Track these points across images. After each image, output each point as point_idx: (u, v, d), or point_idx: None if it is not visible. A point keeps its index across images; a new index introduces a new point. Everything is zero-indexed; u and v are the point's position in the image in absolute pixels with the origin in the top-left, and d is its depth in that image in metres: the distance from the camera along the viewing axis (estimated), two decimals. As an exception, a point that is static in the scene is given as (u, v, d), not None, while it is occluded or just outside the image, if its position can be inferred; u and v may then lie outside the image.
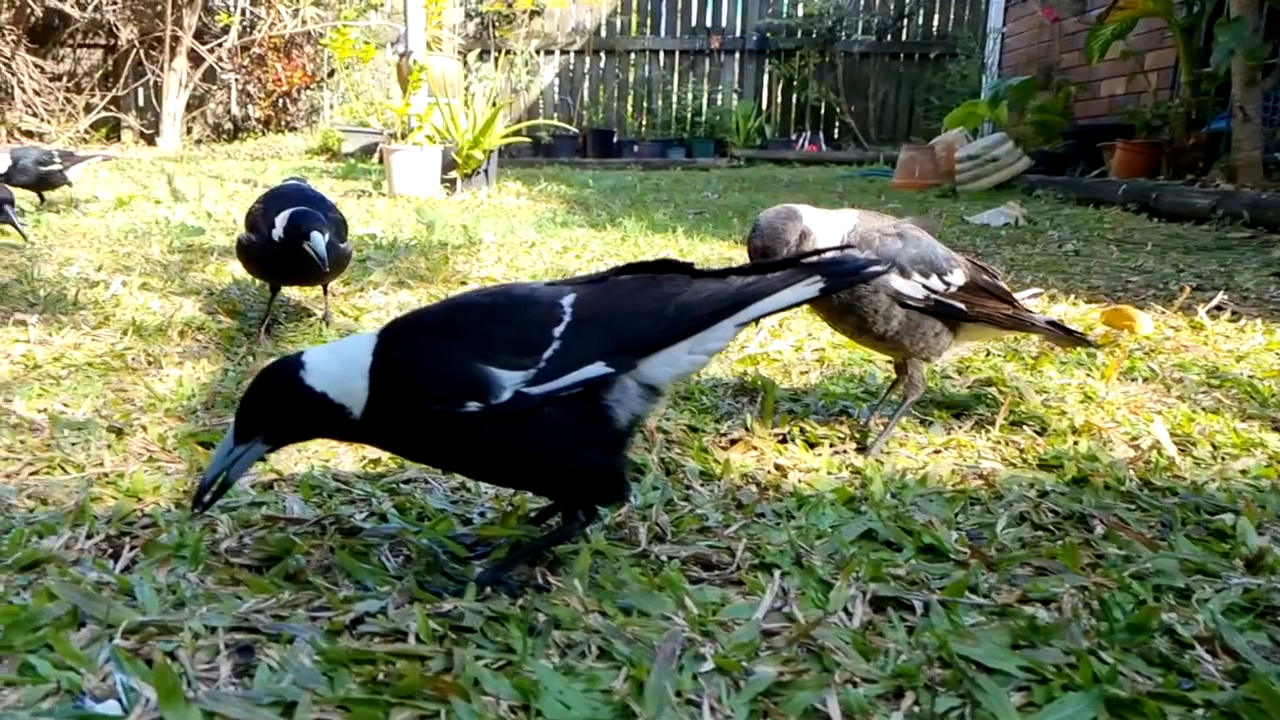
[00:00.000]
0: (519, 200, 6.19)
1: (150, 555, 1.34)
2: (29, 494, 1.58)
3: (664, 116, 11.56)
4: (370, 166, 9.17)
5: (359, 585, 1.28)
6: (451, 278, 3.43)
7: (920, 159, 7.76)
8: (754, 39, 11.34)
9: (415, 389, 1.16)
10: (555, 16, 11.65)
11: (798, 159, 10.39)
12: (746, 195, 7.09)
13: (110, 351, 2.42)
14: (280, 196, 2.67)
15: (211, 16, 10.96)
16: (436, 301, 1.29)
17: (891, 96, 11.27)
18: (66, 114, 11.22)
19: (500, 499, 1.56)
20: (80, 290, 3.02)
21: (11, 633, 1.11)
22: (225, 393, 2.12)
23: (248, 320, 2.84)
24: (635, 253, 4.01)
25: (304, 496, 1.57)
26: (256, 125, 11.49)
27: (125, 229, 4.59)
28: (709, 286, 1.23)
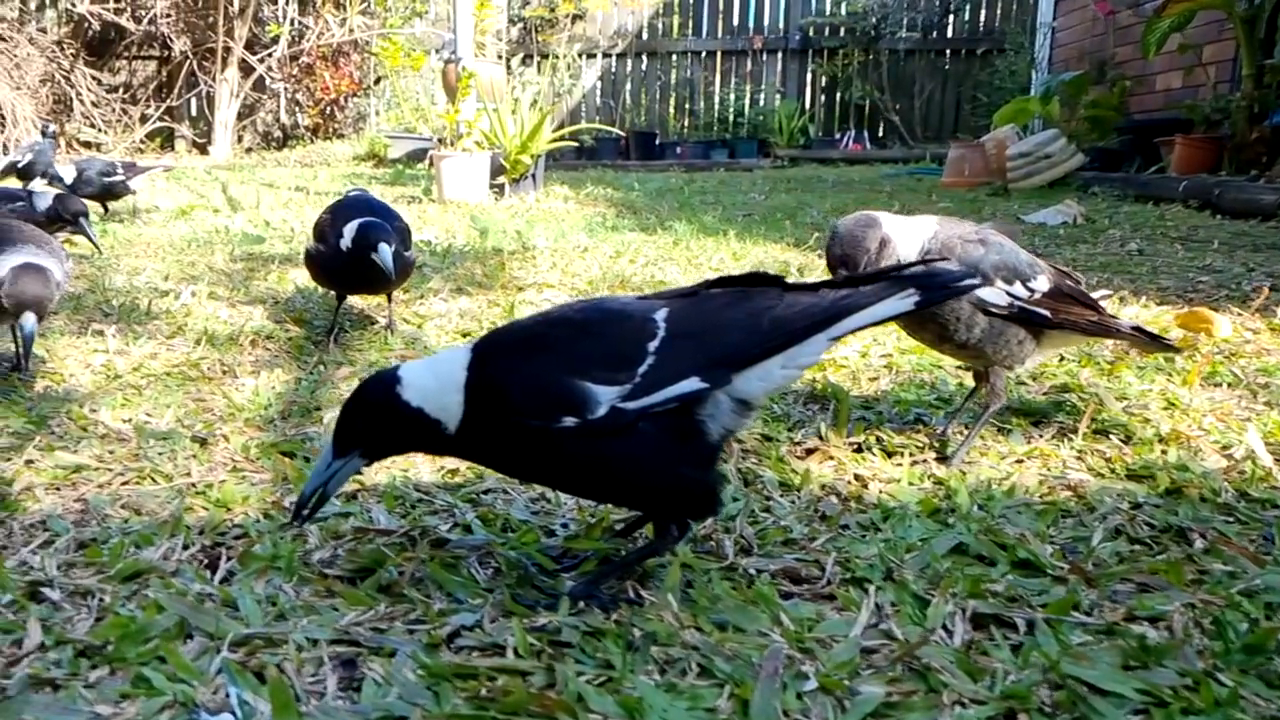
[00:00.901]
0: (567, 204, 6.21)
1: (247, 566, 1.36)
2: (123, 504, 1.62)
3: (706, 118, 11.53)
4: (417, 172, 9.27)
5: (451, 598, 1.29)
6: (509, 284, 3.45)
7: (970, 157, 7.64)
8: (797, 38, 11.26)
9: (511, 405, 1.16)
10: (597, 20, 11.68)
11: (842, 158, 10.30)
12: (793, 196, 7.04)
13: (186, 361, 2.48)
14: (347, 207, 2.71)
15: (262, 27, 11.17)
16: (527, 316, 1.29)
17: (937, 94, 11.11)
18: (123, 125, 11.52)
19: (583, 510, 1.56)
20: (152, 300, 3.09)
21: (123, 644, 1.14)
22: (301, 402, 2.16)
23: (314, 329, 2.88)
24: (688, 257, 4.00)
25: (388, 507, 1.58)
26: (305, 133, 11.69)
27: (187, 238, 4.70)
28: (802, 300, 1.22)
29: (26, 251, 2.06)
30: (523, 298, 3.21)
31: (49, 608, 1.24)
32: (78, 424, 1.99)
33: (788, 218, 5.57)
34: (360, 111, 11.77)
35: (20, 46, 11.19)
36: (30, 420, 1.97)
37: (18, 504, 1.61)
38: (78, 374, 2.37)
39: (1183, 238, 4.68)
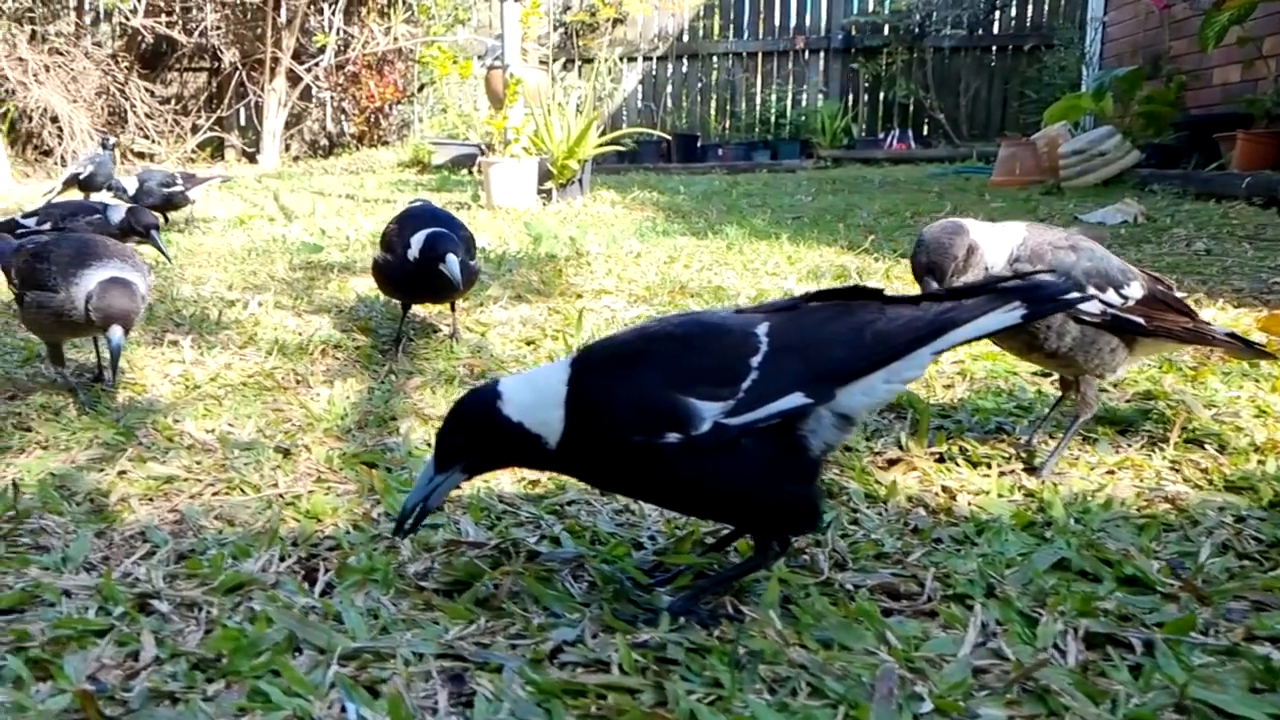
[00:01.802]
0: (614, 209, 6.22)
1: (345, 579, 1.38)
2: (216, 515, 1.65)
3: (748, 119, 11.48)
4: (462, 178, 9.36)
5: (549, 612, 1.29)
6: (567, 291, 3.46)
7: (1021, 155, 7.50)
8: (839, 37, 11.17)
9: (614, 421, 1.16)
10: (638, 23, 11.69)
11: (886, 158, 10.18)
12: (841, 197, 6.98)
13: (260, 371, 2.52)
14: (413, 218, 2.74)
15: (309, 37, 11.36)
16: (626, 329, 1.29)
17: (983, 91, 10.94)
18: (175, 135, 11.78)
19: (670, 523, 1.56)
20: (222, 310, 3.15)
21: (236, 658, 1.15)
22: (376, 412, 2.18)
23: (379, 337, 2.92)
24: (743, 261, 3.98)
25: (475, 519, 1.60)
26: (350, 141, 11.86)
27: (246, 247, 4.78)
28: (904, 313, 1.20)
29: (113, 266, 2.11)
30: (582, 304, 3.21)
31: (158, 620, 1.27)
32: (163, 435, 2.04)
33: (838, 220, 5.52)
34: (404, 119, 11.91)
35: (77, 60, 11.50)
36: (119, 431, 2.02)
37: (116, 515, 1.64)
38: (157, 384, 2.42)
39: (1250, 236, 4.55)
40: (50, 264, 2.11)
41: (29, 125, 11.39)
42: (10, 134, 11.12)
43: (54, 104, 11.14)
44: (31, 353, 2.65)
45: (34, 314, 2.15)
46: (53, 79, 11.30)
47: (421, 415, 2.16)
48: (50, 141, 11.36)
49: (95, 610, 1.29)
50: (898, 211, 5.86)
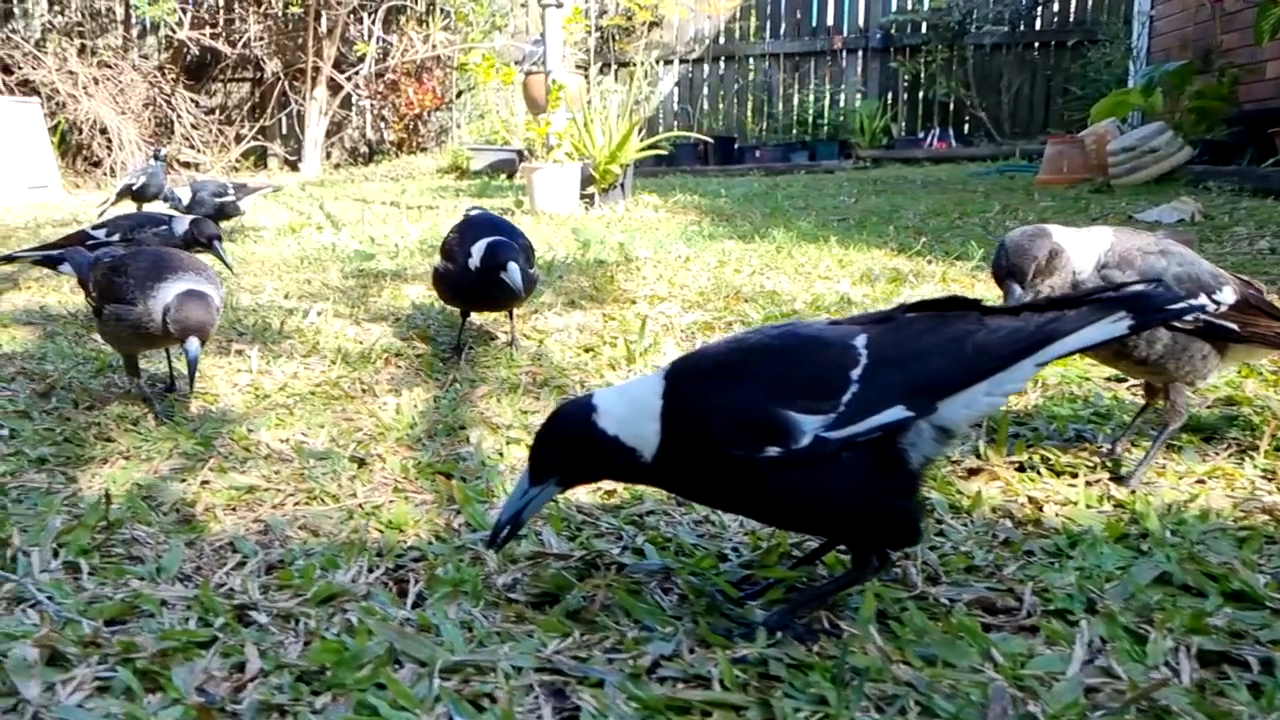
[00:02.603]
0: (657, 213, 6.22)
1: (435, 591, 1.39)
2: (301, 525, 1.67)
3: (785, 120, 11.42)
4: (501, 183, 9.42)
5: (641, 625, 1.29)
6: (620, 297, 3.46)
7: (1069, 153, 7.38)
8: (877, 36, 11.07)
9: (712, 434, 1.16)
10: (674, 26, 11.69)
11: (927, 157, 10.07)
12: (884, 198, 6.91)
13: (326, 380, 2.55)
14: (473, 226, 2.76)
15: (349, 46, 11.52)
16: (719, 340, 1.28)
17: (1026, 88, 10.78)
18: (220, 145, 11.99)
19: (754, 535, 1.55)
20: (284, 320, 3.19)
21: (339, 670, 1.17)
22: (445, 421, 2.20)
23: (439, 345, 2.94)
24: (794, 265, 3.95)
25: (555, 530, 1.60)
26: (390, 148, 11.99)
27: (298, 256, 4.85)
28: (1005, 324, 1.18)
29: (189, 279, 2.14)
30: (637, 311, 3.21)
31: (258, 631, 1.29)
32: (240, 444, 2.07)
33: (884, 221, 5.47)
34: (442, 125, 12.02)
35: (124, 73, 11.77)
36: (199, 441, 2.06)
37: (203, 525, 1.67)
38: (227, 394, 2.46)
39: (1315, 234, 4.43)
40: (128, 278, 2.16)
41: (79, 137, 11.68)
42: (61, 146, 11.39)
43: (103, 116, 11.41)
44: (104, 363, 2.71)
45: (112, 327, 2.20)
46: (102, 91, 11.57)
47: (490, 424, 2.17)
48: (100, 153, 11.63)
49: (196, 621, 1.31)
50: (944, 212, 5.79)
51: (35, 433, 2.14)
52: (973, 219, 5.46)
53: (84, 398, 2.40)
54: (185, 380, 2.51)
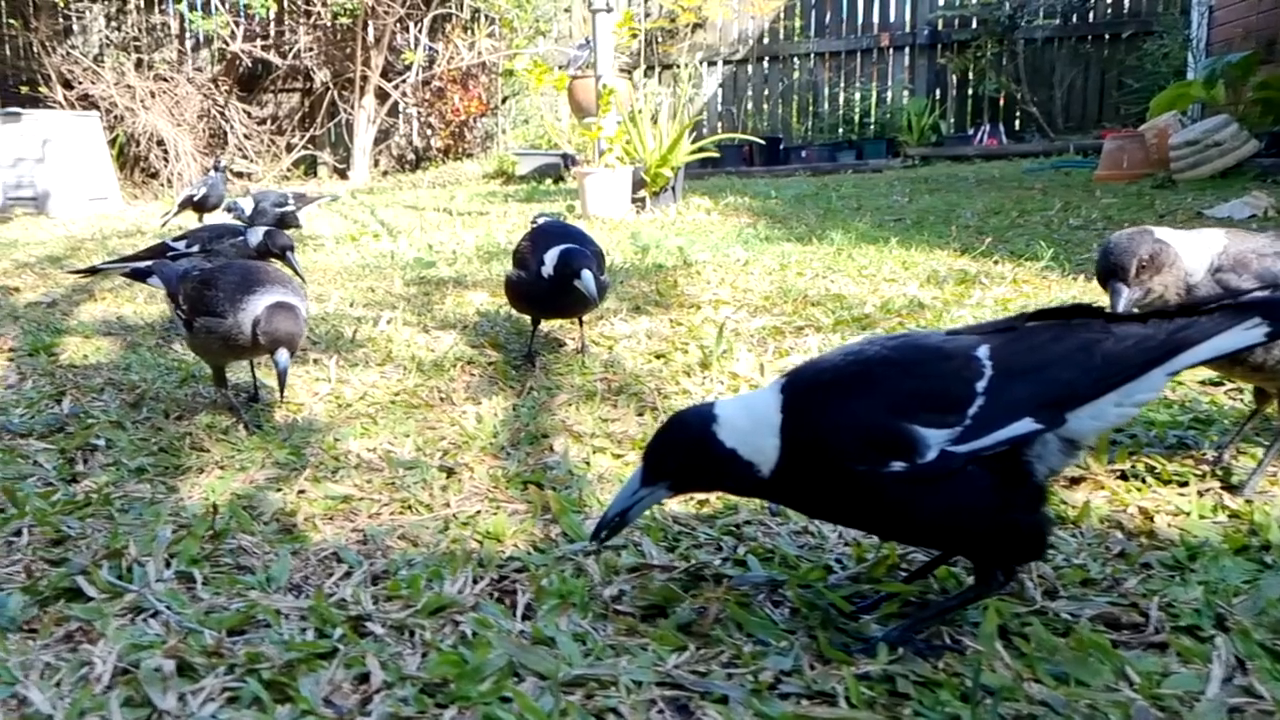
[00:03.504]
0: (709, 216, 6.20)
1: (542, 602, 1.39)
2: (400, 535, 1.69)
3: (830, 119, 11.32)
4: (548, 188, 9.47)
5: (754, 639, 1.28)
6: (684, 302, 3.46)
7: (1129, 148, 7.21)
8: (925, 33, 10.92)
9: (836, 449, 1.14)
10: (717, 27, 11.66)
11: (977, 154, 9.91)
12: (938, 198, 6.81)
13: (404, 388, 2.58)
14: (545, 234, 2.77)
15: (396, 55, 11.67)
16: (831, 351, 1.27)
17: (1079, 82, 10.56)
18: (271, 154, 12.23)
19: (858, 547, 1.53)
20: (356, 328, 3.24)
21: (462, 683, 1.17)
22: (528, 430, 2.21)
23: (509, 352, 2.95)
24: (857, 267, 3.91)
25: (654, 540, 1.60)
26: (437, 154, 12.12)
27: (359, 264, 4.92)
28: (1133, 332, 1.15)
29: (277, 291, 2.18)
30: (704, 316, 3.20)
31: (374, 642, 1.30)
32: (329, 454, 2.10)
33: (942, 221, 5.39)
34: (487, 131, 12.12)
35: (180, 86, 12.06)
36: (291, 451, 2.09)
37: (304, 535, 1.70)
38: (309, 404, 2.50)
39: (1399, 228, 4.27)
40: (218, 291, 2.20)
41: (137, 149, 11.99)
42: (119, 158, 11.71)
43: (160, 128, 11.71)
44: (187, 373, 2.77)
45: (203, 339, 2.25)
46: (158, 104, 11.87)
47: (572, 433, 2.17)
48: (156, 164, 11.93)
49: (313, 632, 1.33)
50: (1003, 211, 5.69)
51: (131, 443, 2.19)
52: (1033, 217, 5.35)
53: (173, 408, 2.45)
54: (262, 389, 2.56)
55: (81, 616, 1.37)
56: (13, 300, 4.26)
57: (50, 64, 12.00)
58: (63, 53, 12.21)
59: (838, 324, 2.96)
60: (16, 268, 5.32)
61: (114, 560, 1.55)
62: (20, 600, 1.42)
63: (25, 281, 4.80)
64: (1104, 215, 5.23)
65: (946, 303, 3.15)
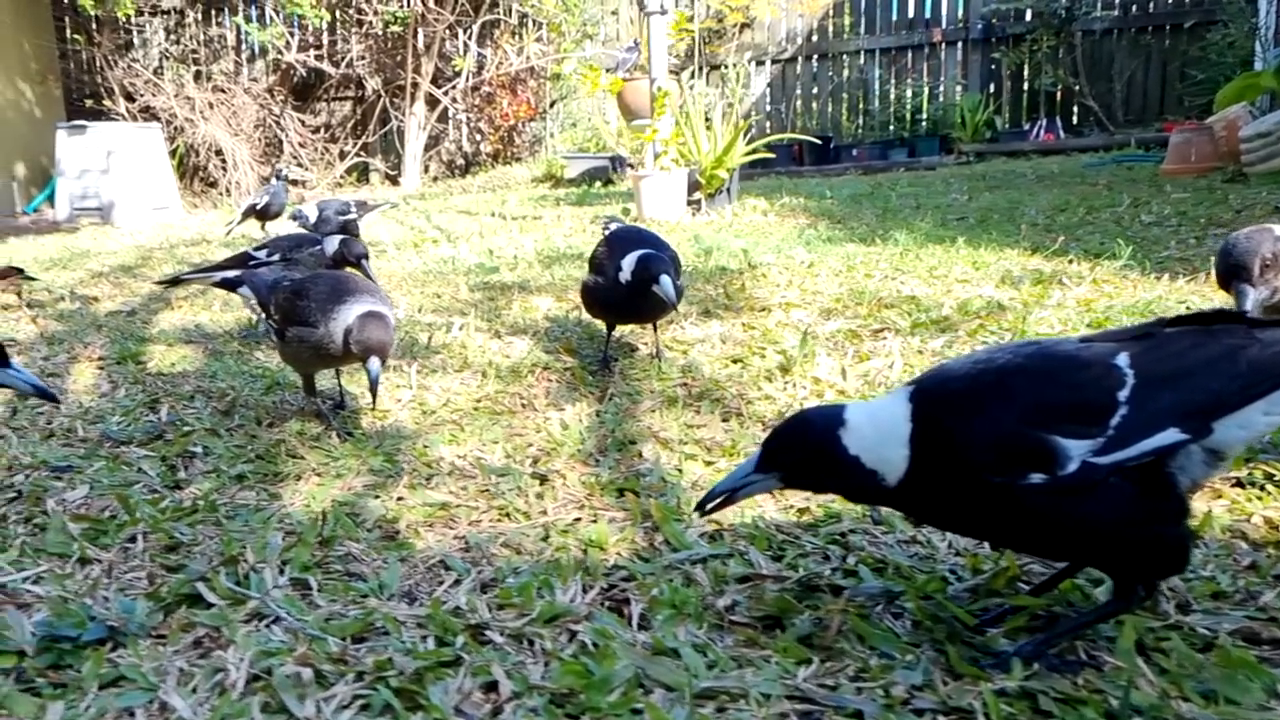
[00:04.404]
0: (766, 217, 6.17)
1: (656, 612, 1.39)
2: (503, 543, 1.70)
3: (881, 117, 11.19)
4: (598, 190, 9.50)
5: (877, 652, 1.26)
6: (753, 305, 3.44)
7: (1196, 141, 7.01)
8: (978, 27, 10.74)
9: (972, 461, 1.12)
10: (765, 26, 11.60)
11: (1034, 150, 9.71)
12: (999, 195, 6.69)
13: (485, 395, 2.60)
14: (621, 240, 2.77)
15: (446, 62, 11.81)
16: (955, 360, 1.25)
17: (1139, 74, 10.29)
18: (325, 162, 12.45)
19: (972, 557, 1.50)
20: (431, 334, 3.27)
21: (591, 694, 1.18)
22: (614, 437, 2.21)
23: (584, 358, 2.96)
24: (927, 267, 3.85)
25: (760, 549, 1.58)
26: (486, 159, 12.24)
27: (423, 270, 4.97)
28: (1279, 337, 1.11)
29: (367, 300, 2.21)
30: (777, 320, 3.18)
31: (495, 650, 1.31)
32: (421, 460, 2.12)
33: (1007, 219, 5.29)
34: (536, 135, 12.20)
35: (237, 96, 12.34)
36: (385, 458, 2.12)
37: (408, 542, 1.72)
38: (393, 410, 2.54)
39: None
40: (309, 301, 2.24)
41: (196, 159, 12.29)
42: (179, 168, 12.02)
43: (218, 138, 11.99)
44: (272, 380, 2.82)
45: (295, 348, 2.29)
46: (216, 115, 12.16)
47: (659, 439, 2.17)
48: (215, 173, 12.22)
49: (434, 640, 1.34)
50: (1070, 207, 5.57)
51: (228, 450, 2.24)
52: (1102, 214, 5.23)
53: (264, 415, 2.50)
54: (348, 396, 2.60)
55: (208, 623, 1.40)
56: (93, 309, 4.39)
57: (113, 77, 12.36)
58: (124, 66, 12.58)
59: (915, 326, 2.92)
60: (92, 277, 5.48)
61: (230, 567, 1.58)
62: (145, 606, 1.46)
63: (102, 291, 4.95)
64: (1177, 211, 5.09)
65: (1026, 304, 3.08)
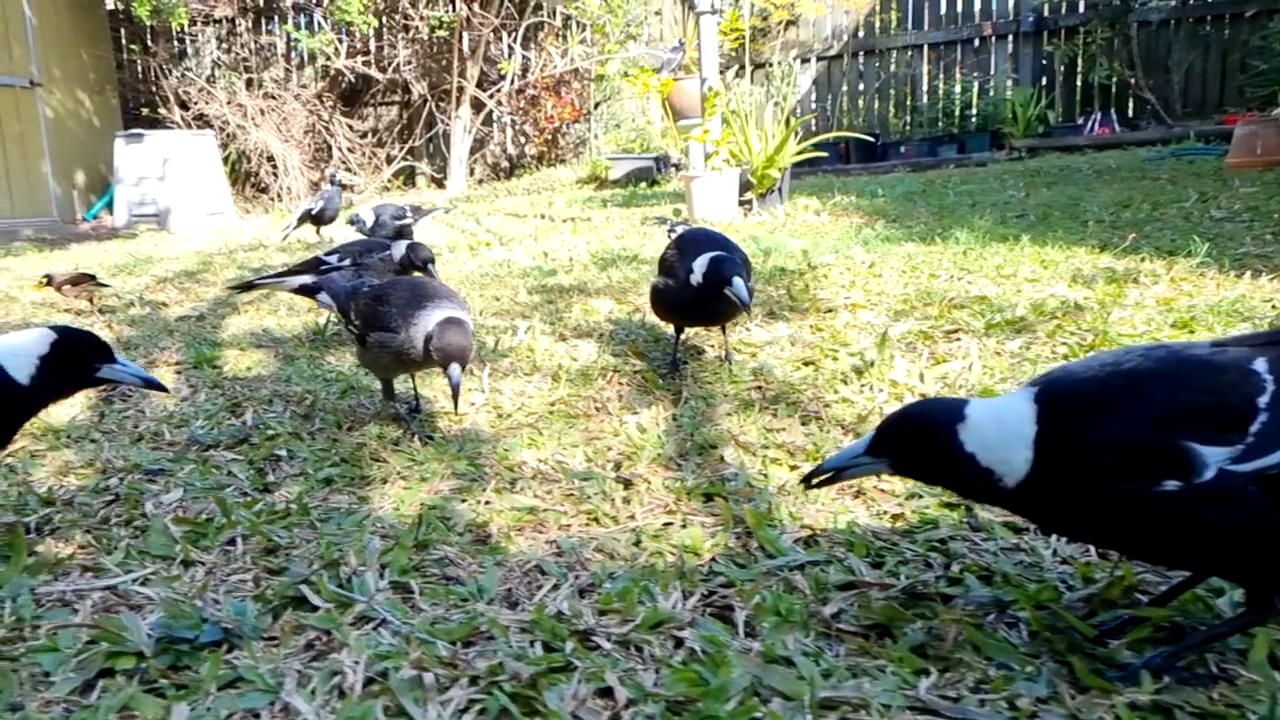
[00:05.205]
0: (819, 217, 6.11)
1: (761, 619, 1.38)
2: (596, 548, 1.70)
3: (930, 113, 11.03)
4: (643, 191, 9.51)
5: (994, 663, 1.24)
6: (819, 306, 3.41)
7: (1262, 133, 6.80)
8: (1030, 20, 10.54)
9: (1102, 466, 1.10)
10: (810, 24, 11.51)
11: (1088, 145, 9.49)
12: (1057, 191, 6.56)
13: (559, 398, 2.61)
14: (692, 242, 2.76)
15: (491, 65, 11.90)
16: (1078, 362, 1.22)
17: (1198, 65, 10.01)
18: (373, 166, 12.62)
19: (1082, 565, 1.47)
20: (498, 338, 3.30)
21: (709, 702, 1.17)
22: (693, 441, 2.20)
23: (652, 361, 2.96)
24: (995, 266, 3.79)
25: (859, 555, 1.57)
26: (530, 161, 12.31)
27: (479, 273, 5.01)
28: None
29: (446, 306, 2.23)
30: (843, 320, 3.15)
31: (604, 656, 1.31)
32: (502, 464, 2.14)
33: (1069, 217, 5.19)
34: (580, 136, 12.24)
35: (287, 103, 12.55)
36: (469, 462, 2.14)
37: (500, 547, 1.73)
38: (469, 414, 2.55)
39: None
40: (390, 306, 2.27)
41: (247, 165, 12.53)
42: (232, 174, 12.26)
43: (269, 144, 12.21)
44: (346, 384, 2.86)
45: (375, 353, 2.32)
46: (267, 121, 12.37)
47: (739, 443, 2.16)
48: (266, 179, 12.45)
49: (540, 646, 1.35)
50: (1134, 204, 5.44)
51: (313, 454, 2.27)
52: (1169, 210, 5.10)
53: (342, 419, 2.54)
54: (421, 399, 2.63)
55: (317, 625, 1.42)
56: (163, 315, 4.50)
57: (167, 86, 12.65)
58: (178, 75, 12.86)
59: (989, 328, 2.87)
60: (158, 282, 5.61)
61: (332, 570, 1.61)
62: (254, 608, 1.49)
63: (169, 296, 5.07)
64: (1247, 206, 4.95)
65: (1103, 304, 3.02)
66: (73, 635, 1.41)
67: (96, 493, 2.07)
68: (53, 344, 1.65)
